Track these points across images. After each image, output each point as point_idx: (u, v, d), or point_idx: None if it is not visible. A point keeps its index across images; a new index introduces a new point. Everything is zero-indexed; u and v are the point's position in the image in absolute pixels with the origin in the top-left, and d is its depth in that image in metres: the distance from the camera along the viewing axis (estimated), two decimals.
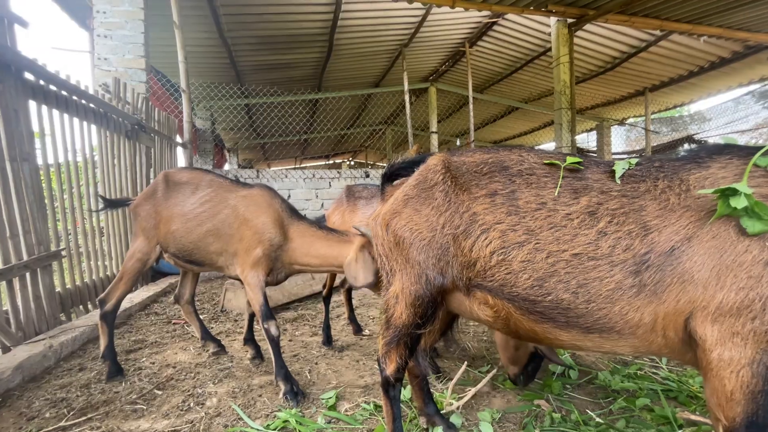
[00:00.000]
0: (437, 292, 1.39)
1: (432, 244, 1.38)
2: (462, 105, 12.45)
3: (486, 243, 1.29)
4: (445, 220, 1.37)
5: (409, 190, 1.48)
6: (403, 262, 1.43)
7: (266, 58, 8.95)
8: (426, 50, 9.63)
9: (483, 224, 1.32)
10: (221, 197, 2.24)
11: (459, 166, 1.45)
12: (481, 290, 1.32)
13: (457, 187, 1.40)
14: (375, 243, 1.56)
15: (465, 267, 1.34)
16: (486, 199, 1.35)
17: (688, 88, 10.60)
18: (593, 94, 11.36)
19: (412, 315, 1.41)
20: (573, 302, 1.17)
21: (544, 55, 9.11)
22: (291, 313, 3.59)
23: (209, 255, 2.21)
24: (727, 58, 8.85)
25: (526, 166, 1.38)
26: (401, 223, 1.44)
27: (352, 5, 7.17)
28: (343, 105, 11.46)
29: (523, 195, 1.32)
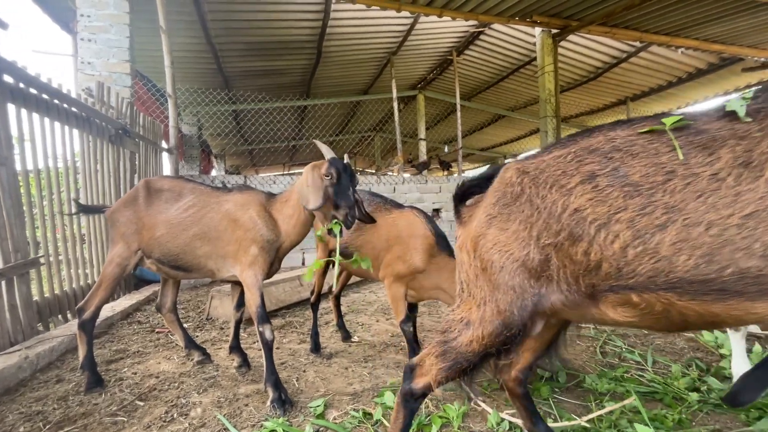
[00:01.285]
0: (530, 316, 1.23)
1: (527, 262, 1.21)
2: (450, 112, 12.59)
3: (610, 239, 1.10)
4: (539, 230, 1.20)
5: (490, 209, 1.33)
6: (491, 289, 1.27)
7: (254, 64, 8.93)
8: (414, 58, 9.74)
9: (595, 219, 1.12)
10: (205, 201, 2.23)
11: (537, 166, 1.28)
12: (617, 292, 1.13)
13: (541, 189, 1.23)
14: (460, 270, 1.41)
15: (583, 275, 1.15)
16: (584, 187, 1.15)
17: (668, 98, 10.94)
18: (577, 102, 11.62)
19: (486, 345, 1.26)
20: (765, 266, 0.98)
21: (530, 64, 9.30)
22: (278, 320, 3.54)
23: (197, 259, 2.18)
24: (703, 69, 9.18)
25: (619, 140, 1.19)
26: (488, 245, 1.29)
27: (341, 13, 7.22)
28: (331, 112, 11.48)
29: (635, 170, 1.12)
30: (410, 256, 2.22)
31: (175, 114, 5.59)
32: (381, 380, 2.22)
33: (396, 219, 2.35)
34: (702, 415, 1.81)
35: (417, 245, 2.22)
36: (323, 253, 2.68)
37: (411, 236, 2.25)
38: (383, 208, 2.47)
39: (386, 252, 2.31)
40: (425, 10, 6.26)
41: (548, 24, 6.55)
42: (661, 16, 6.36)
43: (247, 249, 2.08)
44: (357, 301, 4.22)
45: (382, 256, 2.34)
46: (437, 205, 7.95)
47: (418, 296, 2.36)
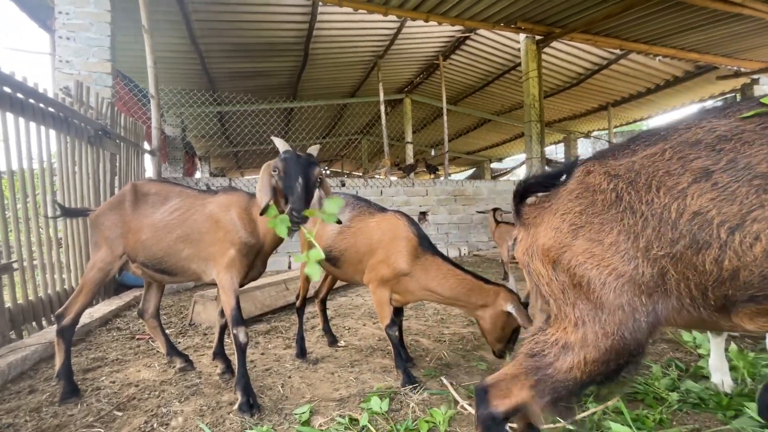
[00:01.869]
0: (646, 336, 1.07)
1: (635, 277, 1.05)
2: (436, 116, 12.69)
3: (748, 243, 0.95)
4: (648, 240, 1.05)
5: (574, 218, 1.17)
6: (591, 308, 1.10)
7: (240, 65, 8.84)
8: (401, 62, 9.79)
9: (725, 221, 0.97)
10: (190, 204, 2.20)
11: (629, 168, 1.13)
12: (760, 302, 1.00)
13: (645, 193, 1.08)
14: (538, 282, 1.25)
15: (712, 287, 1.00)
16: (701, 186, 1.01)
17: (647, 104, 11.26)
18: (560, 107, 11.86)
19: (591, 372, 1.10)
20: None
21: (515, 69, 9.45)
22: (264, 325, 3.49)
23: (181, 262, 2.14)
24: (680, 77, 9.48)
25: (722, 129, 1.06)
26: (579, 259, 1.12)
27: (328, 16, 7.22)
28: (318, 114, 11.43)
29: (757, 159, 0.98)
30: (394, 259, 2.21)
31: (158, 115, 5.47)
32: (368, 385, 2.21)
33: (379, 223, 2.35)
34: (681, 414, 1.85)
35: (400, 248, 2.22)
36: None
37: (394, 239, 2.25)
38: (366, 212, 2.46)
39: (370, 256, 2.31)
40: (412, 15, 6.31)
41: (532, 30, 6.67)
42: (639, 24, 6.56)
43: (225, 251, 2.05)
44: (344, 305, 4.19)
45: (366, 260, 2.33)
46: (424, 208, 7.99)
47: (405, 299, 2.35)
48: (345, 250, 2.39)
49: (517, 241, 1.35)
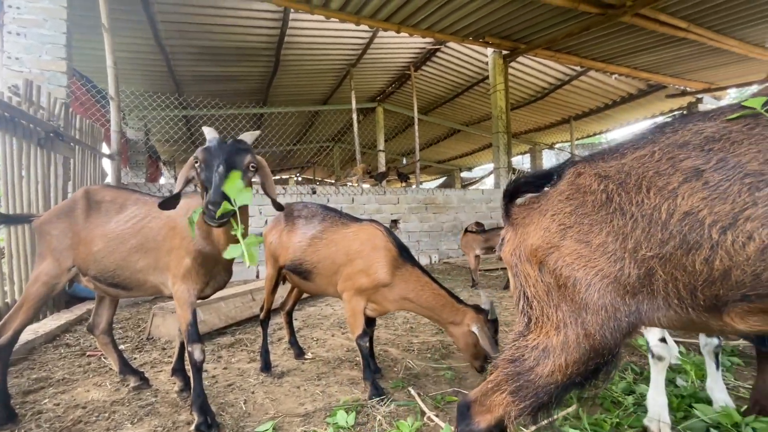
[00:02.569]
0: (625, 336, 1.08)
1: (620, 278, 1.06)
2: (408, 125, 12.85)
3: (741, 243, 0.94)
4: (637, 241, 1.05)
5: (563, 218, 1.17)
6: (575, 309, 1.10)
7: (208, 69, 8.62)
8: (373, 71, 9.88)
9: (717, 221, 0.96)
10: (147, 211, 2.07)
11: (619, 170, 1.13)
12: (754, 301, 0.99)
13: (635, 194, 1.08)
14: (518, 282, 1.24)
15: (702, 287, 1.00)
16: (692, 185, 1.00)
17: (605, 119, 11.90)
18: (526, 120, 12.33)
19: (571, 375, 1.10)
20: None
21: (483, 82, 9.75)
22: (228, 338, 3.36)
23: (136, 275, 2.01)
24: (634, 94, 10.11)
25: (710, 130, 1.07)
26: (567, 260, 1.12)
27: (300, 23, 7.18)
28: (289, 120, 11.30)
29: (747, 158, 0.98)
30: (374, 270, 2.20)
31: (119, 117, 5.23)
32: (334, 399, 2.16)
33: (357, 233, 2.33)
34: (636, 416, 1.92)
35: (381, 258, 2.21)
36: (273, 268, 2.60)
37: (374, 249, 2.23)
38: (340, 222, 2.44)
39: (346, 266, 2.28)
40: (384, 25, 6.39)
41: (499, 45, 6.92)
42: (597, 44, 6.95)
43: (181, 260, 1.92)
44: (312, 315, 4.12)
45: (342, 270, 2.30)
46: (395, 216, 8.02)
47: (383, 309, 2.34)
48: (319, 262, 2.35)
49: (504, 241, 1.34)
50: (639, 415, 1.91)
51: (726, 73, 8.40)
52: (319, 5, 6.05)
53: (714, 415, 1.82)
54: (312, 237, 2.41)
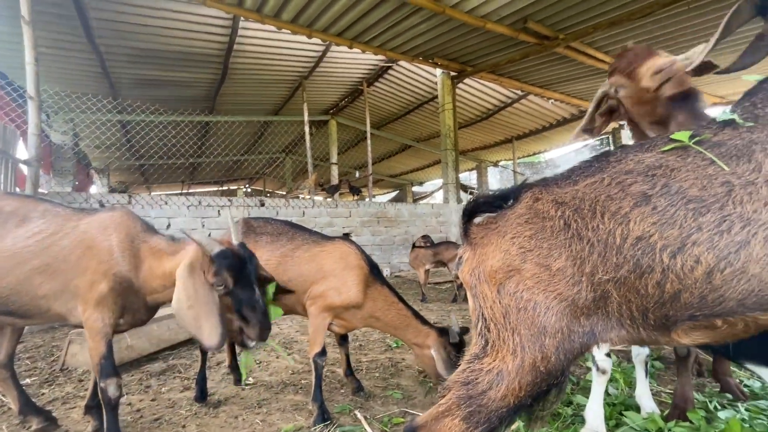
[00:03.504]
0: (576, 357, 1.11)
1: (578, 301, 1.08)
2: (361, 139, 12.93)
3: (689, 267, 0.98)
4: (593, 265, 1.07)
5: (523, 242, 1.18)
6: (534, 333, 1.10)
7: (149, 72, 8.10)
8: (326, 84, 9.86)
9: (667, 246, 1.00)
10: (58, 226, 1.80)
11: (574, 196, 1.17)
12: (699, 320, 1.03)
13: (590, 220, 1.10)
14: (477, 303, 1.23)
15: (654, 308, 1.04)
16: (642, 210, 1.04)
17: (543, 140, 12.82)
18: (473, 138, 12.93)
19: (523, 398, 1.10)
20: None
21: (433, 101, 10.10)
22: (159, 364, 3.07)
23: (37, 302, 1.75)
24: (567, 118, 11.03)
25: (650, 159, 1.12)
26: (527, 284, 1.13)
27: (250, 31, 7.01)
28: (237, 130, 10.90)
29: (687, 184, 1.03)
30: (347, 289, 2.19)
31: (38, 119, 4.70)
32: (275, 428, 2.04)
33: (330, 252, 2.31)
34: (573, 427, 2.01)
35: (354, 277, 2.20)
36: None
37: (347, 268, 2.23)
38: (311, 240, 2.42)
39: (318, 284, 2.24)
40: (336, 40, 6.42)
41: (447, 66, 7.23)
42: (535, 71, 7.52)
43: (95, 284, 1.69)
44: None
45: (312, 288, 2.26)
46: (347, 229, 7.95)
47: (350, 326, 2.33)
48: (289, 280, 2.28)
49: (462, 261, 1.33)
50: (577, 426, 1.99)
51: None
52: (270, 15, 5.95)
53: (641, 422, 1.94)
54: (282, 255, 2.34)
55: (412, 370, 2.86)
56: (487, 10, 5.41)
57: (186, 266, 1.56)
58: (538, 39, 6.01)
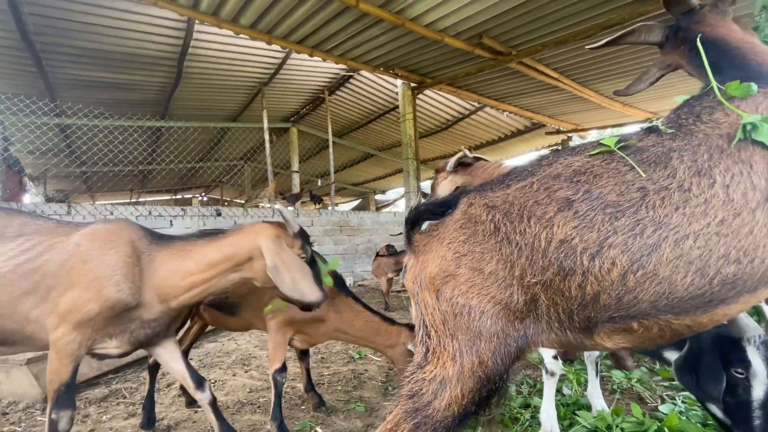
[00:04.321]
0: (514, 360, 1.13)
1: (510, 304, 1.10)
2: (323, 147, 12.81)
3: (606, 269, 1.02)
4: (522, 268, 1.09)
5: (458, 246, 1.19)
6: (470, 338, 1.10)
7: (93, 74, 7.57)
8: (287, 92, 9.71)
9: (586, 249, 1.04)
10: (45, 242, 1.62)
11: (504, 200, 1.19)
12: (617, 321, 1.06)
13: (518, 224, 1.13)
14: (419, 311, 1.23)
15: (577, 310, 1.06)
16: (565, 215, 1.08)
17: (499, 150, 13.38)
18: (433, 147, 13.24)
19: (467, 405, 1.10)
20: (740, 271, 0.99)
21: (394, 110, 10.24)
22: (100, 389, 2.82)
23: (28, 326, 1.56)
24: (521, 129, 11.60)
25: (577, 164, 1.16)
26: (462, 288, 1.14)
27: (206, 35, 6.78)
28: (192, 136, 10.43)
29: (607, 190, 1.08)
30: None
31: None
32: None
33: None
34: (531, 429, 2.07)
35: None
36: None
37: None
38: None
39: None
40: (296, 48, 6.35)
41: (408, 77, 7.38)
42: (490, 84, 7.85)
43: (82, 303, 1.52)
44: (212, 352, 3.71)
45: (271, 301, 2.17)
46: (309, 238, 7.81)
47: (313, 341, 2.27)
48: (249, 293, 2.19)
49: (407, 269, 1.33)
50: (535, 428, 2.05)
51: (588, 117, 10.12)
52: (227, 19, 5.78)
53: (592, 420, 2.04)
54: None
55: (375, 381, 2.83)
56: (445, 24, 5.59)
57: (273, 240, 1.68)
58: (492, 54, 6.29)
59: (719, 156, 1.08)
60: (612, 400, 2.35)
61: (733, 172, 1.05)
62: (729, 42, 1.37)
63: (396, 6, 5.21)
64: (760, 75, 1.21)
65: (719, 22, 1.45)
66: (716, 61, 1.31)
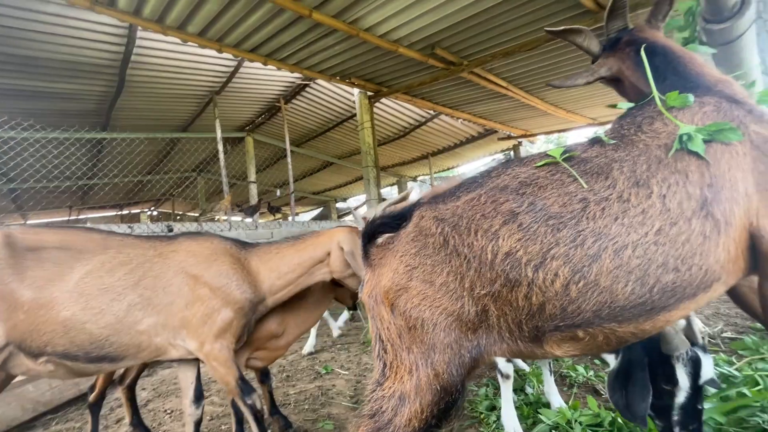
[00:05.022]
0: (469, 371, 1.14)
1: (462, 315, 1.10)
2: (281, 157, 12.54)
3: (550, 280, 1.04)
4: (472, 280, 1.10)
5: (410, 259, 1.19)
6: (425, 350, 1.11)
7: (21, 82, 6.94)
8: (241, 100, 9.43)
9: (530, 260, 1.06)
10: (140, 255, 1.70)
11: (453, 212, 1.19)
12: (563, 330, 1.08)
13: (466, 236, 1.14)
14: (375, 326, 1.23)
15: (526, 320, 1.09)
16: (510, 227, 1.09)
17: (456, 156, 13.81)
18: (392, 155, 13.40)
19: (427, 419, 1.09)
20: (679, 278, 1.02)
21: (353, 118, 10.26)
22: None
23: (138, 338, 1.61)
24: (475, 135, 12.06)
25: (524, 175, 1.19)
26: (414, 301, 1.14)
27: (150, 42, 6.45)
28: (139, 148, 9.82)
29: (550, 201, 1.10)
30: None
31: None
32: None
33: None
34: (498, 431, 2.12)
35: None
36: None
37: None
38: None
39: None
40: (249, 56, 6.20)
41: (364, 86, 7.43)
42: (445, 93, 8.10)
43: (215, 314, 1.72)
44: (167, 380, 3.48)
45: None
46: None
47: (273, 356, 2.21)
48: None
49: (364, 283, 1.32)
50: (500, 430, 2.11)
51: (536, 123, 10.70)
52: (173, 27, 5.53)
53: (553, 417, 2.13)
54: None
55: (343, 397, 2.78)
56: (398, 35, 5.70)
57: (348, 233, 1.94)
58: (445, 64, 6.49)
59: (657, 166, 1.12)
60: (570, 395, 2.47)
61: (669, 182, 1.09)
62: (672, 51, 1.46)
63: (350, 16, 5.24)
64: (698, 85, 1.29)
65: (658, 34, 1.57)
66: (660, 69, 1.38)
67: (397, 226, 1.33)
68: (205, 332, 1.64)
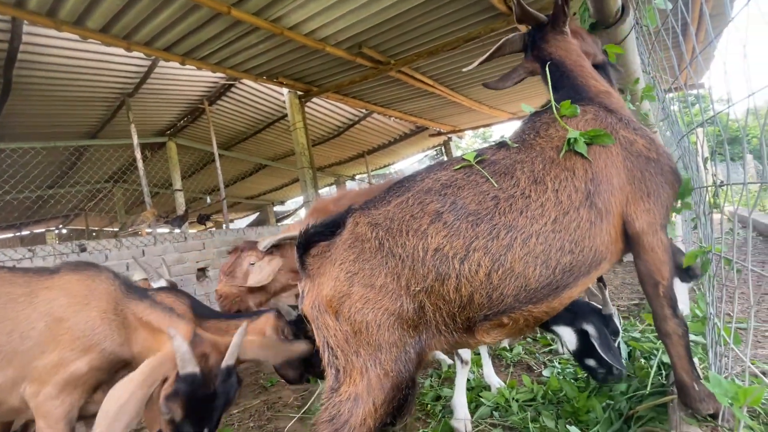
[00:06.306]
0: (416, 367, 1.21)
1: (402, 313, 1.18)
2: (209, 161, 11.79)
3: (474, 270, 1.16)
4: (407, 279, 1.19)
5: (349, 266, 1.24)
6: (372, 351, 1.16)
7: None
8: (159, 103, 8.70)
9: (456, 254, 1.18)
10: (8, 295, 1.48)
11: (385, 216, 1.29)
12: (491, 318, 1.21)
13: (399, 238, 1.23)
14: (321, 335, 1.25)
15: (458, 312, 1.19)
16: (436, 226, 1.21)
17: (391, 153, 14.07)
18: (328, 154, 13.27)
19: (381, 417, 1.15)
20: (575, 259, 1.18)
21: (284, 119, 9.96)
22: None
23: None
24: (408, 133, 12.41)
25: (445, 178, 1.32)
26: (357, 305, 1.19)
27: (41, 39, 5.70)
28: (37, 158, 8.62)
29: (468, 200, 1.25)
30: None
31: None
32: None
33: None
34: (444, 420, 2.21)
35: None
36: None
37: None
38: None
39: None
40: (163, 56, 5.74)
41: (293, 86, 7.26)
42: (375, 92, 8.22)
43: (66, 364, 1.43)
44: None
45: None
46: (202, 263, 7.11)
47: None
48: None
49: (303, 295, 1.33)
50: (446, 419, 2.20)
51: (463, 119, 11.28)
52: (69, 22, 4.92)
53: (493, 399, 2.28)
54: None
55: (291, 409, 2.72)
56: (324, 34, 5.64)
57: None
58: (373, 63, 6.57)
59: (551, 165, 1.33)
60: (507, 375, 2.66)
61: (560, 179, 1.30)
62: (565, 65, 1.69)
63: (272, 14, 5.08)
64: (582, 97, 1.53)
65: (560, 43, 1.76)
66: (557, 81, 1.63)
67: (331, 234, 1.37)
68: (49, 380, 1.35)
